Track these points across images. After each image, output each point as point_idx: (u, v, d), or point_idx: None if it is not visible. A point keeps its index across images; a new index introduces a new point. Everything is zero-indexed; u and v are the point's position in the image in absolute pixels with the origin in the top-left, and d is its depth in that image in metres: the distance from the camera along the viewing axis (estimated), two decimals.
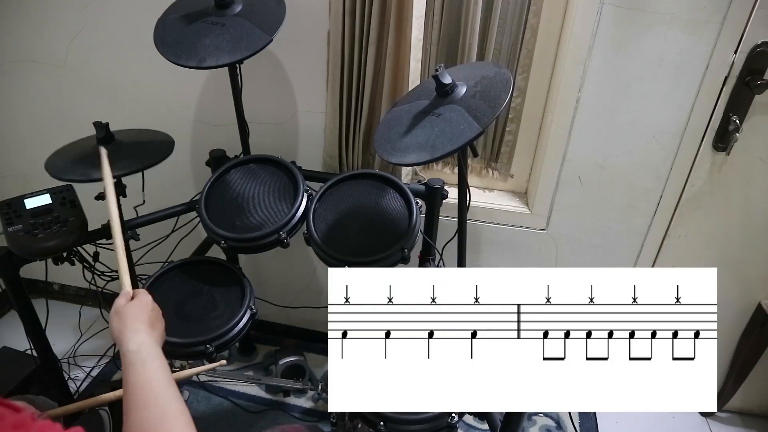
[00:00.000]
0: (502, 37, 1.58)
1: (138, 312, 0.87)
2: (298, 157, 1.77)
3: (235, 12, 1.31)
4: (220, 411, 1.87)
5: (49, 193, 1.38)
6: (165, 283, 1.45)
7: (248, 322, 1.38)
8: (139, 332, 0.84)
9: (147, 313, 0.88)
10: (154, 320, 0.89)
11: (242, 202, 1.43)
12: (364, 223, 1.38)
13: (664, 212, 1.62)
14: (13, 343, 1.88)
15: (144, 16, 1.40)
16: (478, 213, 1.75)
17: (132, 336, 0.83)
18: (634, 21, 1.36)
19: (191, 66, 1.25)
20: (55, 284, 2.33)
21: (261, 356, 2.10)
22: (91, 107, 1.83)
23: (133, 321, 0.85)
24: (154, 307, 0.92)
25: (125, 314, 0.87)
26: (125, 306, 0.88)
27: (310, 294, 2.06)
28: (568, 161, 1.60)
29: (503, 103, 1.09)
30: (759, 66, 1.35)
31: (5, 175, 2.07)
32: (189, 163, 1.87)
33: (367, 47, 1.45)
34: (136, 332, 0.83)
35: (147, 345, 0.82)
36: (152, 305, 0.92)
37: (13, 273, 1.37)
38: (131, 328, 0.84)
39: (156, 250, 1.66)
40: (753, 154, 1.47)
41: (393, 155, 1.17)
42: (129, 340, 0.82)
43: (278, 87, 1.67)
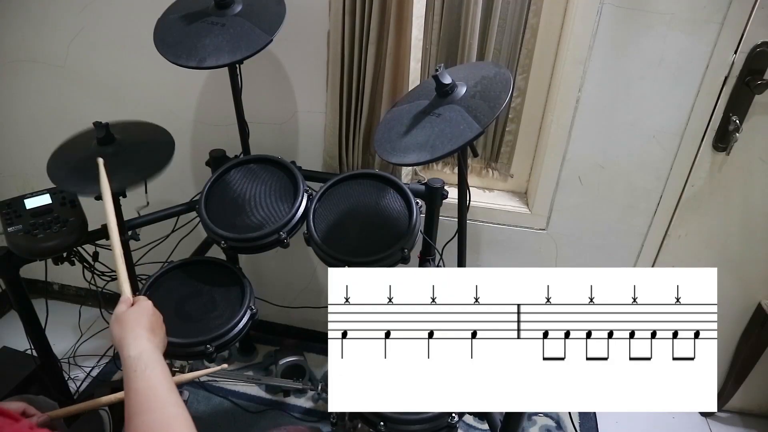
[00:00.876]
0: (502, 37, 1.58)
1: (138, 318, 0.88)
2: (298, 157, 1.76)
3: (235, 12, 1.31)
4: (220, 411, 1.87)
5: (49, 193, 1.38)
6: (165, 284, 1.45)
7: (248, 322, 1.38)
8: (139, 338, 0.84)
9: (147, 319, 0.89)
10: (155, 326, 0.90)
11: (242, 202, 1.43)
12: (364, 223, 1.38)
13: (664, 212, 1.62)
14: (13, 343, 1.88)
15: (144, 16, 1.39)
16: (478, 213, 1.75)
17: (133, 342, 0.83)
18: (634, 21, 1.36)
19: (191, 66, 1.25)
20: (55, 284, 2.33)
21: (261, 356, 2.10)
22: (91, 107, 1.83)
23: (134, 327, 0.86)
24: (155, 312, 0.93)
25: (126, 320, 0.87)
26: (126, 312, 0.89)
27: (310, 294, 2.06)
28: (568, 161, 1.60)
29: (503, 103, 1.09)
30: (759, 66, 1.35)
31: (5, 175, 2.07)
32: (189, 163, 1.87)
33: (367, 47, 1.45)
34: (137, 338, 0.84)
35: (148, 351, 0.83)
36: (152, 310, 0.92)
37: (13, 273, 1.37)
38: (132, 334, 0.85)
39: (156, 250, 1.66)
40: (753, 154, 1.47)
41: (393, 155, 1.17)
42: (130, 346, 0.83)
43: (278, 87, 1.67)
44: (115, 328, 0.87)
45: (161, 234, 1.65)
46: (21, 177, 2.04)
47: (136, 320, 0.87)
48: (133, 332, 0.85)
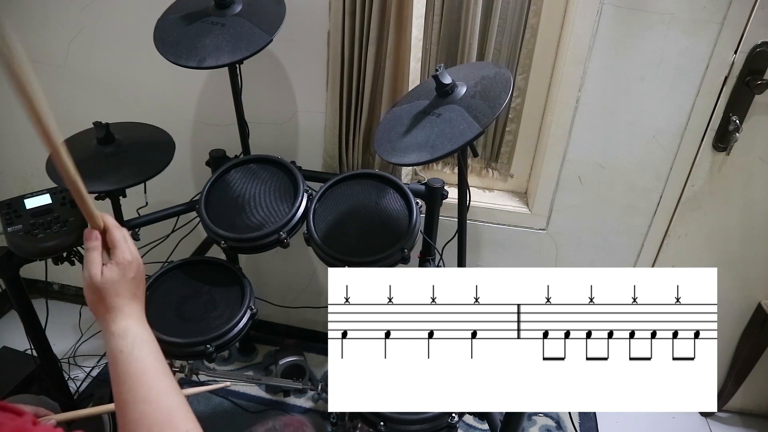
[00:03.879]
0: (502, 37, 1.58)
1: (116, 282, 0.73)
2: (298, 157, 1.76)
3: (235, 12, 1.31)
4: (220, 411, 1.87)
5: (49, 193, 1.38)
6: (165, 283, 1.45)
7: (248, 322, 1.38)
8: (122, 310, 0.72)
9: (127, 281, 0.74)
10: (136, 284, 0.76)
11: (242, 202, 1.43)
12: (364, 223, 1.38)
13: (664, 212, 1.62)
14: (13, 343, 1.88)
15: (144, 16, 1.39)
16: (478, 213, 1.75)
17: (115, 316, 0.72)
18: (634, 21, 1.36)
19: (191, 66, 1.25)
20: (55, 284, 2.33)
21: (261, 356, 2.10)
22: (91, 107, 1.83)
23: (112, 297, 0.72)
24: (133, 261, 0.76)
25: (103, 287, 0.72)
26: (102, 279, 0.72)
27: (310, 294, 2.06)
28: (568, 161, 1.59)
29: (503, 103, 1.09)
30: (759, 66, 1.35)
31: (5, 175, 2.07)
32: (189, 163, 1.87)
33: (367, 47, 1.45)
34: (120, 310, 0.72)
35: (133, 325, 0.72)
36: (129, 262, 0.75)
37: (13, 273, 1.37)
38: (112, 304, 0.72)
39: (156, 250, 1.66)
40: (753, 154, 1.47)
41: (393, 155, 1.17)
42: (111, 320, 0.71)
43: (278, 87, 1.67)
44: (90, 294, 0.72)
45: (161, 234, 1.65)
46: (21, 177, 2.04)
47: (117, 284, 0.73)
48: (113, 303, 0.72)
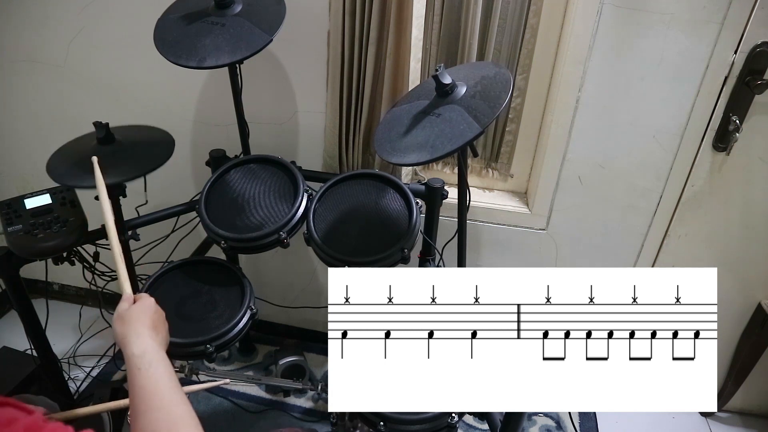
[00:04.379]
0: (502, 37, 1.58)
1: (141, 315, 0.88)
2: (298, 157, 1.76)
3: (235, 12, 1.31)
4: (220, 411, 1.87)
5: (49, 193, 1.38)
6: (165, 283, 1.45)
7: (248, 322, 1.38)
8: (142, 336, 0.84)
9: (150, 316, 0.89)
10: (158, 323, 0.89)
11: (242, 202, 1.43)
12: (364, 223, 1.38)
13: (664, 212, 1.62)
14: (13, 343, 1.88)
15: (144, 16, 1.40)
16: (478, 213, 1.75)
17: (135, 340, 0.83)
18: (634, 21, 1.36)
19: (191, 66, 1.25)
20: (55, 284, 2.33)
21: (261, 356, 2.10)
22: (91, 107, 1.83)
23: (136, 325, 0.85)
24: (157, 309, 0.93)
25: (128, 318, 0.87)
26: (128, 310, 0.88)
27: (310, 294, 2.06)
28: (568, 161, 1.59)
29: (503, 103, 1.09)
30: (759, 66, 1.35)
31: (5, 175, 2.07)
32: (189, 163, 1.87)
33: (367, 47, 1.45)
34: (140, 336, 0.84)
35: (151, 348, 0.82)
36: (155, 308, 0.92)
37: (13, 273, 1.37)
38: (135, 331, 0.84)
39: (156, 250, 1.66)
40: (753, 154, 1.47)
41: (393, 155, 1.17)
42: (133, 344, 0.82)
43: (278, 87, 1.67)
44: (118, 325, 0.86)
45: (161, 234, 1.65)
46: (21, 177, 2.04)
47: (139, 318, 0.87)
48: (136, 330, 0.84)
